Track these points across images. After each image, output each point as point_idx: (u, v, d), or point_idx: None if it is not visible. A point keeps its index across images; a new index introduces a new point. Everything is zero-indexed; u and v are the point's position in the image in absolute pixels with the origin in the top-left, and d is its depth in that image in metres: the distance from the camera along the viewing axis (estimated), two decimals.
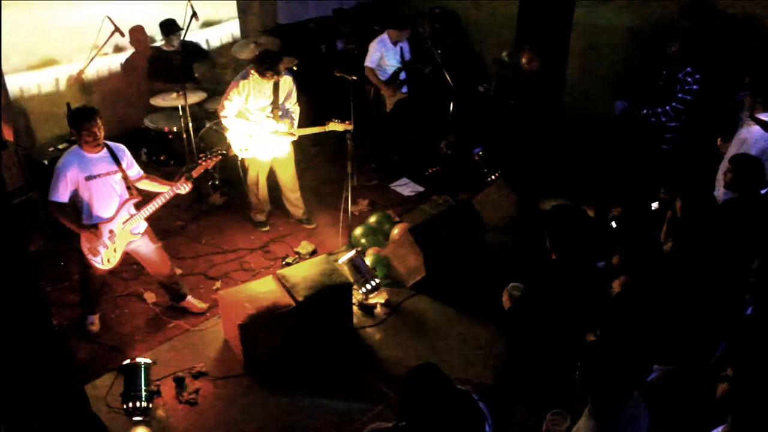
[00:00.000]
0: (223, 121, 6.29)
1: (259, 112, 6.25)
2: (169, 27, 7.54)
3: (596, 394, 3.06)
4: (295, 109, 6.46)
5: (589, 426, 3.11)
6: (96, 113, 4.96)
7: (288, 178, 6.74)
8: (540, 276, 4.22)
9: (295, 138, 6.41)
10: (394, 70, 7.56)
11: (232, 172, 7.31)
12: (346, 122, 6.26)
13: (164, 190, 5.34)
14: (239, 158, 6.68)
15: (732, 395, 2.95)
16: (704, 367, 3.90)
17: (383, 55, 7.45)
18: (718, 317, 4.00)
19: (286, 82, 6.31)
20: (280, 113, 6.31)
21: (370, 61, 7.46)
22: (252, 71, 6.06)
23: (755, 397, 2.86)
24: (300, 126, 6.52)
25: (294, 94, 6.42)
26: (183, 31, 6.82)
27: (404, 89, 7.61)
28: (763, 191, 4.91)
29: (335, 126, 6.27)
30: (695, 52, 6.33)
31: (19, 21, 6.95)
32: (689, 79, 6.27)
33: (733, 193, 4.64)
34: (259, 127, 6.26)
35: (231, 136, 6.38)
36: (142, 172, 5.39)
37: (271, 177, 6.79)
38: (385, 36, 7.45)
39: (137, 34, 8.06)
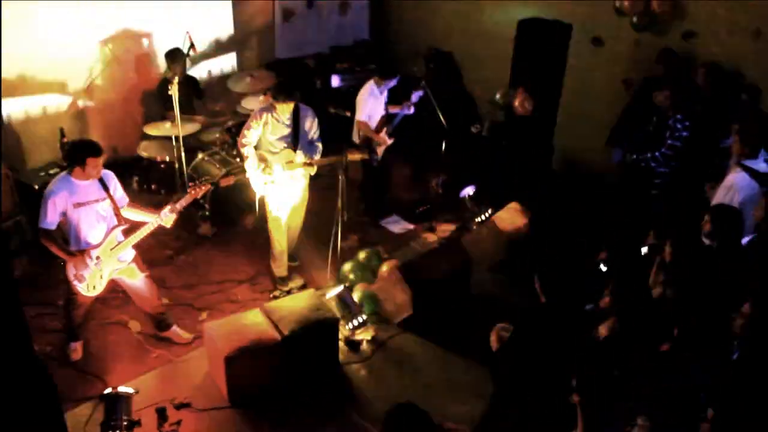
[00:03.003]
0: (243, 150, 6.28)
1: (278, 143, 6.25)
2: (173, 55, 7.59)
3: (589, 408, 3.07)
4: (318, 144, 6.43)
5: None
6: (101, 149, 5.05)
7: (294, 220, 6.69)
8: (529, 318, 4.22)
9: (314, 171, 6.39)
10: (382, 117, 7.57)
11: (223, 203, 7.31)
12: (364, 152, 6.29)
13: (147, 219, 5.34)
14: (257, 197, 6.64)
15: None
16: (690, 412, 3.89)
17: (373, 106, 7.47)
18: (706, 361, 4.00)
19: (307, 115, 6.33)
20: (300, 145, 6.31)
21: (363, 116, 7.37)
22: (272, 102, 6.15)
23: None
24: None
25: (315, 127, 6.39)
26: (185, 60, 6.89)
27: (387, 136, 7.60)
28: (746, 239, 4.94)
29: (353, 156, 6.32)
30: (684, 100, 6.43)
31: (15, 45, 7.02)
32: (679, 126, 6.35)
33: (711, 242, 4.67)
34: (279, 157, 6.26)
35: (250, 172, 6.34)
36: (126, 199, 5.41)
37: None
38: (372, 85, 7.38)
39: (143, 62, 8.12)
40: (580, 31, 7.86)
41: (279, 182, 6.30)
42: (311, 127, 6.38)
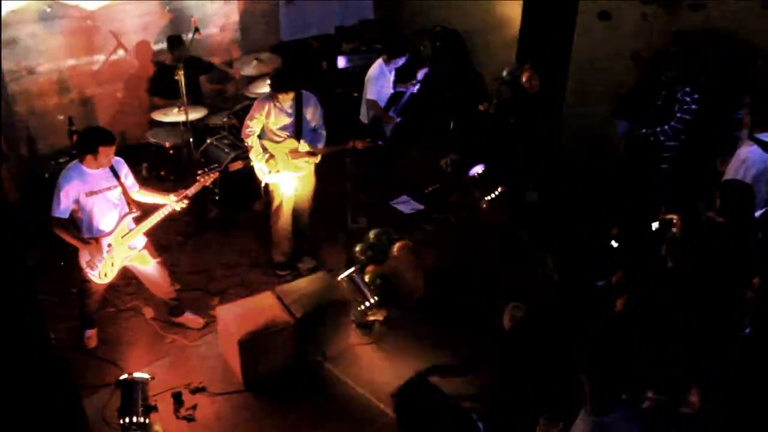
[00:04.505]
0: (246, 141, 6.25)
1: (281, 132, 6.21)
2: (174, 42, 7.58)
3: (597, 384, 3.09)
4: (322, 132, 6.37)
5: (584, 423, 3.14)
6: (114, 137, 5.03)
7: (301, 206, 6.65)
8: (542, 297, 4.22)
9: (317, 159, 6.34)
10: (390, 96, 7.55)
11: (232, 188, 7.31)
12: (366, 140, 6.27)
13: (159, 201, 5.37)
14: (262, 184, 6.59)
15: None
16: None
17: (382, 85, 7.44)
18: (716, 336, 4.00)
19: (309, 103, 6.24)
20: (303, 133, 6.25)
21: (373, 94, 7.38)
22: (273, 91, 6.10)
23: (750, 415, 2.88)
24: None
25: (319, 115, 6.30)
26: (187, 47, 6.88)
27: (395, 115, 7.58)
28: (759, 212, 4.91)
29: (358, 145, 6.29)
30: (693, 73, 6.37)
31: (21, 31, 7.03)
32: (687, 99, 6.30)
33: (723, 219, 4.64)
34: (282, 147, 6.23)
35: (254, 161, 6.31)
36: (137, 185, 5.41)
37: None
38: (381, 64, 7.39)
39: (142, 48, 8.12)
40: (587, 5, 7.77)
41: (283, 171, 6.28)
42: (314, 115, 6.29)
